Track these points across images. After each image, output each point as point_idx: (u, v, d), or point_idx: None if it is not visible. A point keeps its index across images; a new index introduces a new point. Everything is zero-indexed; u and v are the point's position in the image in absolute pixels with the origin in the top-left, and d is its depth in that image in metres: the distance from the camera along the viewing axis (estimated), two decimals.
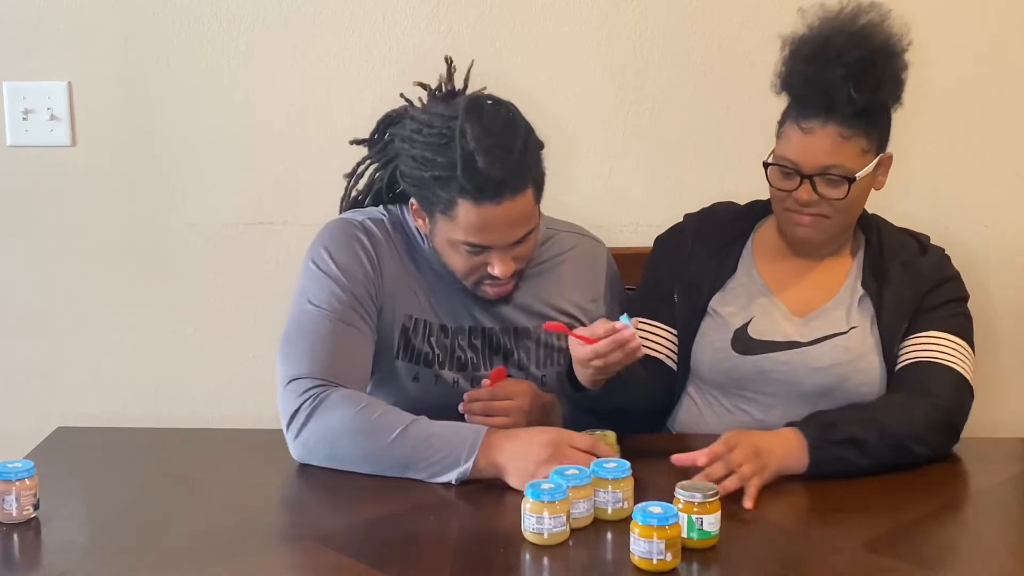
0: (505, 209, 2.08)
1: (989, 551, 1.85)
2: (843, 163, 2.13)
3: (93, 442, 2.29)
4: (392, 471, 2.02)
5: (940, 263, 2.27)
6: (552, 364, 2.32)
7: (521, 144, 2.09)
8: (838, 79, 2.08)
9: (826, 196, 2.14)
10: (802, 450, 1.99)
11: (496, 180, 2.05)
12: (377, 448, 2.01)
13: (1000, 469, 2.12)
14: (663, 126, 2.81)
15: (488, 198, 2.06)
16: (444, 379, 2.27)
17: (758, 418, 2.23)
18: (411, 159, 2.12)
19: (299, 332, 2.16)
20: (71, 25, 2.80)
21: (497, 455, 1.98)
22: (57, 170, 2.87)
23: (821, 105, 2.11)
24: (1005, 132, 2.79)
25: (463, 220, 2.09)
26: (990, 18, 2.75)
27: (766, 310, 2.25)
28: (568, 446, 1.97)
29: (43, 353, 2.95)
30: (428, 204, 2.14)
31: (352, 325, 2.17)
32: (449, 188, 2.07)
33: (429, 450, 2.00)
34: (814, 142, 2.12)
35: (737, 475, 1.90)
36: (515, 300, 2.29)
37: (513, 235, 2.12)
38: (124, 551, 1.83)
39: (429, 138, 2.10)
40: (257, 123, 2.83)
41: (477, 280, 2.19)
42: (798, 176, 2.14)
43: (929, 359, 2.16)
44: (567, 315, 2.32)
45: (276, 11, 2.79)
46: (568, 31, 2.78)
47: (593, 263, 2.40)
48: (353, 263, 2.21)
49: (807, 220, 2.18)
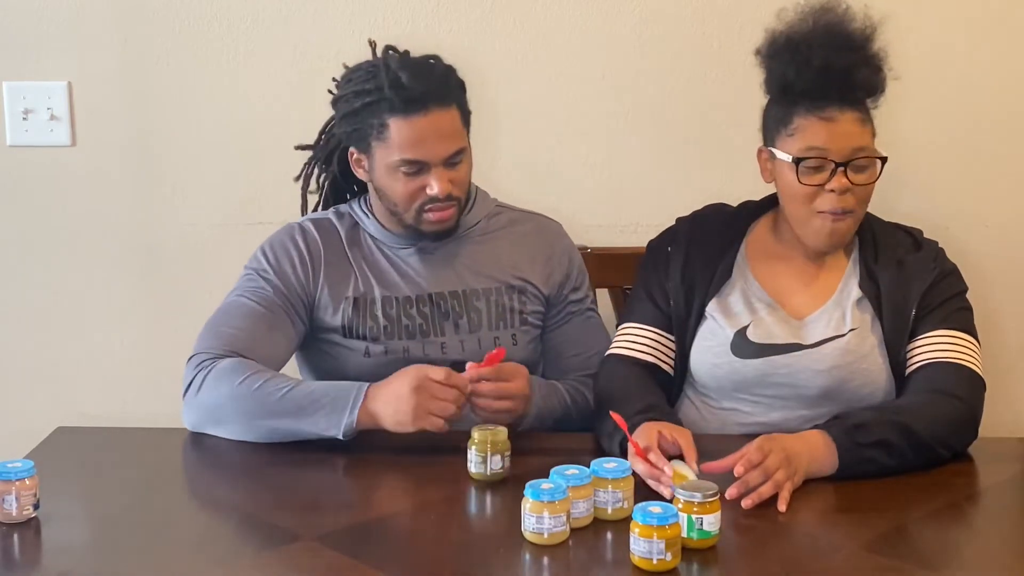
0: (432, 121, 2.21)
1: (990, 551, 1.85)
2: (868, 144, 2.16)
3: (93, 442, 2.29)
4: (280, 432, 2.11)
5: (936, 258, 2.27)
6: (505, 326, 2.35)
7: (443, 67, 2.27)
8: (852, 64, 2.12)
9: (858, 182, 2.14)
10: (831, 453, 1.98)
11: (421, 91, 2.20)
12: (264, 407, 2.11)
13: (1000, 469, 2.12)
14: (663, 126, 2.81)
15: (415, 110, 2.19)
16: (394, 349, 2.31)
17: (760, 420, 2.23)
18: (344, 102, 2.27)
19: (213, 318, 2.30)
20: (71, 25, 2.80)
21: (372, 404, 2.08)
22: (57, 170, 2.87)
23: (836, 92, 2.13)
24: (1005, 132, 2.79)
25: (396, 138, 2.21)
26: (992, 17, 2.75)
27: (764, 313, 2.25)
28: (430, 381, 2.05)
29: (43, 353, 2.95)
30: (363, 138, 2.26)
31: (267, 309, 2.28)
32: (379, 111, 2.21)
33: (314, 405, 2.10)
34: (840, 127, 2.13)
35: (772, 481, 1.89)
36: (463, 263, 2.36)
37: (444, 149, 2.23)
38: (124, 551, 1.83)
39: (357, 76, 2.27)
40: (257, 123, 2.83)
41: (419, 208, 2.27)
42: (829, 167, 2.13)
43: (943, 359, 2.16)
44: (513, 280, 2.37)
45: (276, 11, 2.79)
46: (568, 31, 2.78)
47: (544, 236, 2.44)
48: (282, 259, 2.34)
49: (842, 217, 2.16)
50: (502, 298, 2.36)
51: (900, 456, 2.01)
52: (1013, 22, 2.75)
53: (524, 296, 2.37)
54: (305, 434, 2.11)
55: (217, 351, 2.21)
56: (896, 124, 2.74)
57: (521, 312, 2.37)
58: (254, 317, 2.27)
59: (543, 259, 2.41)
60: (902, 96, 2.76)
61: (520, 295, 2.37)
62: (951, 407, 2.10)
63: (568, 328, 2.42)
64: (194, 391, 2.18)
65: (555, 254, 2.42)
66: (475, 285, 2.36)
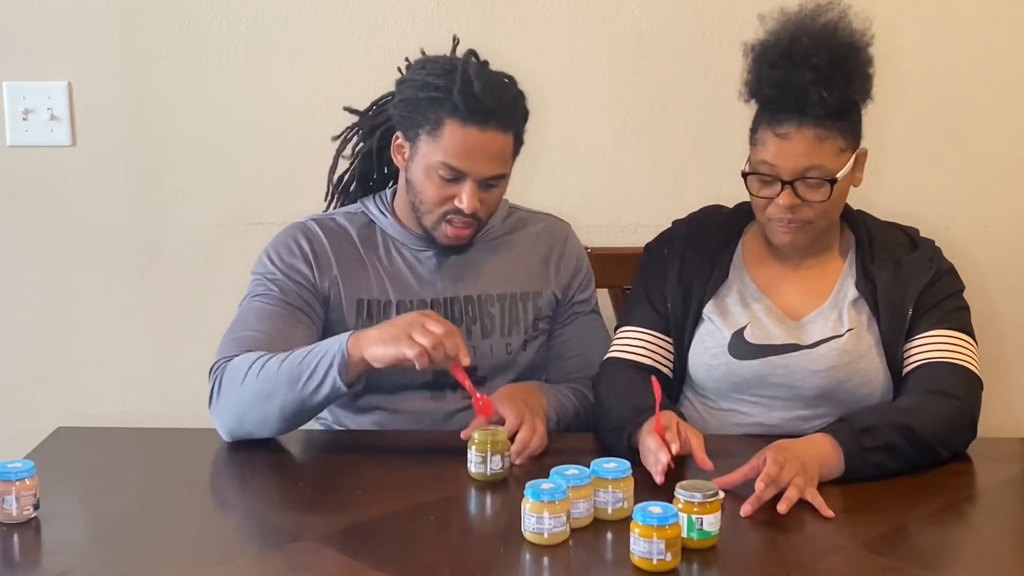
0: (487, 138, 2.19)
1: (989, 551, 1.84)
2: (822, 164, 2.12)
3: (93, 442, 2.29)
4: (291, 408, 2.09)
5: (932, 257, 2.26)
6: (518, 332, 2.35)
7: (515, 92, 2.26)
8: (808, 81, 2.08)
9: (808, 199, 2.13)
10: (839, 458, 1.97)
11: (487, 106, 2.17)
12: (269, 383, 2.09)
13: (1000, 469, 2.12)
14: (663, 126, 2.81)
15: (476, 122, 2.17)
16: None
17: (759, 420, 2.23)
18: (409, 87, 2.24)
19: (230, 328, 2.26)
20: (71, 25, 2.81)
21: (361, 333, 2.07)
22: (57, 170, 2.87)
23: (794, 108, 2.10)
24: (1005, 132, 2.79)
25: (447, 140, 2.18)
26: (991, 19, 2.75)
27: (761, 314, 2.25)
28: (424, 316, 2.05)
29: (43, 353, 2.95)
30: (414, 127, 2.22)
31: (282, 309, 2.25)
32: (441, 108, 2.18)
33: (309, 355, 2.08)
34: (791, 146, 2.11)
35: (794, 486, 1.88)
36: (480, 269, 2.35)
37: (488, 169, 2.21)
38: (124, 551, 1.83)
39: (432, 68, 2.23)
40: (257, 123, 2.83)
41: (442, 215, 2.25)
42: (778, 182, 2.13)
43: (941, 359, 2.16)
44: (528, 287, 2.37)
45: (276, 11, 2.79)
46: (568, 31, 2.78)
47: (556, 237, 2.43)
48: (287, 258, 2.31)
49: (790, 227, 2.17)
50: (516, 304, 2.36)
51: (904, 458, 2.01)
52: (1014, 22, 2.75)
53: (539, 302, 2.38)
54: (309, 394, 2.08)
55: (231, 353, 2.19)
56: (896, 124, 2.74)
57: (535, 319, 2.37)
58: (270, 318, 2.24)
59: (555, 260, 2.41)
60: (902, 96, 2.77)
61: (535, 301, 2.37)
62: (951, 408, 2.10)
63: (571, 328, 2.42)
64: (215, 397, 2.16)
65: (566, 254, 2.43)
66: (490, 291, 2.35)
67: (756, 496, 1.86)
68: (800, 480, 1.89)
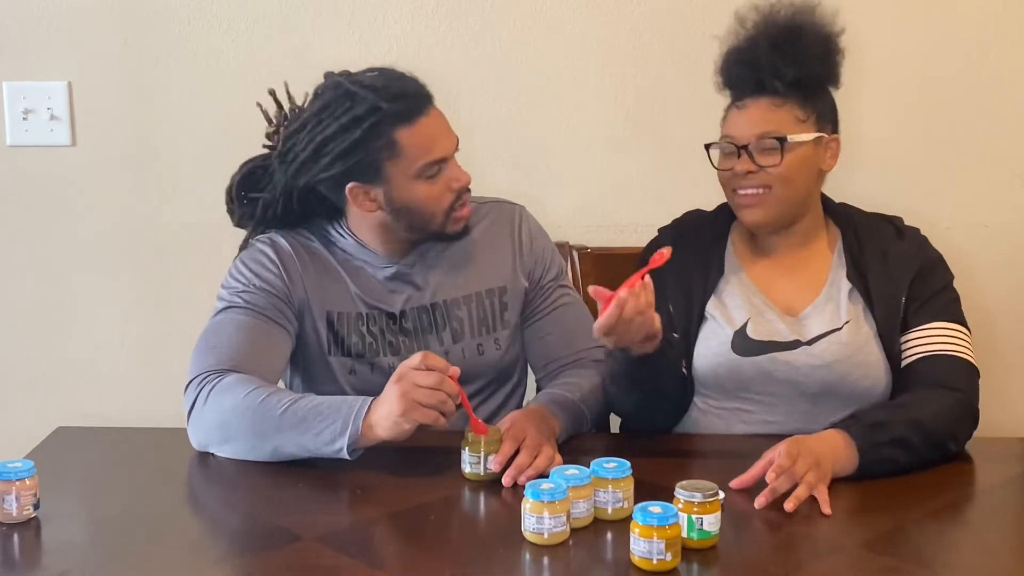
0: (434, 117, 2.20)
1: (990, 551, 1.84)
2: (776, 129, 2.19)
3: (93, 442, 2.29)
4: (285, 450, 2.05)
5: (920, 247, 2.28)
6: (488, 331, 2.33)
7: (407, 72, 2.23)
8: (762, 53, 2.18)
9: (763, 164, 2.18)
10: (852, 453, 1.98)
11: (414, 92, 2.19)
12: (267, 420, 2.04)
13: (1000, 469, 2.12)
14: (663, 126, 2.81)
15: (418, 112, 2.18)
16: (380, 366, 2.28)
17: (764, 418, 2.23)
18: (333, 143, 2.17)
19: (202, 339, 2.22)
20: (71, 25, 2.81)
21: (371, 414, 2.00)
22: (57, 170, 2.87)
23: (751, 81, 2.21)
24: (1005, 132, 2.79)
25: (410, 146, 2.17)
26: (988, 19, 2.75)
27: (760, 310, 2.25)
28: (407, 368, 1.97)
29: (43, 353, 2.95)
30: (370, 168, 2.18)
31: (258, 319, 2.22)
32: (383, 129, 2.15)
33: (317, 417, 2.02)
34: (747, 115, 2.22)
35: (805, 483, 1.88)
36: (438, 275, 2.32)
37: (452, 140, 2.23)
38: (124, 551, 1.83)
39: (335, 111, 2.18)
40: (256, 123, 2.83)
41: (449, 208, 2.23)
42: (736, 151, 2.20)
43: (939, 352, 2.18)
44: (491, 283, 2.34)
45: (276, 11, 2.79)
46: (568, 31, 2.78)
47: (511, 226, 2.39)
48: (256, 269, 2.27)
49: (750, 197, 2.21)
50: (483, 302, 2.34)
51: (915, 453, 2.02)
52: (1016, 23, 2.75)
53: (504, 297, 2.35)
54: (309, 451, 2.04)
55: (216, 368, 2.14)
56: (896, 124, 2.74)
57: (503, 314, 2.35)
58: (247, 330, 2.20)
59: (515, 250, 2.37)
60: (903, 96, 2.77)
61: (500, 296, 2.35)
62: (955, 400, 2.12)
63: (546, 309, 2.38)
64: (199, 409, 2.11)
65: (524, 241, 2.38)
66: (455, 294, 2.32)
67: (771, 488, 1.86)
68: (812, 477, 1.89)
